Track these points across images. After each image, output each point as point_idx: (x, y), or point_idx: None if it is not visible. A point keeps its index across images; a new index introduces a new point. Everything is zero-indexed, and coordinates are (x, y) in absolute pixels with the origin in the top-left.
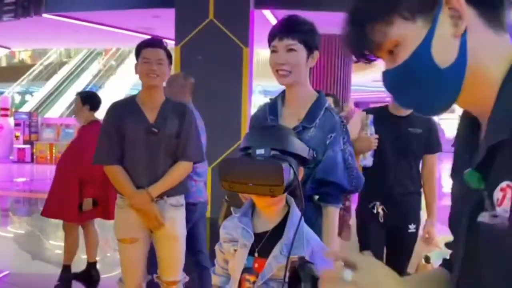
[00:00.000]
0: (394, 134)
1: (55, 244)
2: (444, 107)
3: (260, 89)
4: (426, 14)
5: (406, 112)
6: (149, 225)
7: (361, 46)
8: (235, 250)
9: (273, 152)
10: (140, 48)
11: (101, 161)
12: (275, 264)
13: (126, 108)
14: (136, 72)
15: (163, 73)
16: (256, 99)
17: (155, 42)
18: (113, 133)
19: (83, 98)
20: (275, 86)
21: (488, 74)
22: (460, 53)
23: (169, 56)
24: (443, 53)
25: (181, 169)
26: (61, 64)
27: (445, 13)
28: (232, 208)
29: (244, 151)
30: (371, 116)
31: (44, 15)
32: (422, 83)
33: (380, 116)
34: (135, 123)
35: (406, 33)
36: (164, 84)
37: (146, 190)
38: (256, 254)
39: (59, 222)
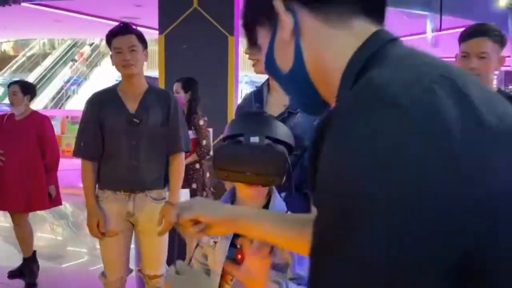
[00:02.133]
0: None
1: (42, 236)
2: (316, 107)
3: (247, 80)
4: (270, 22)
5: None
6: (89, 230)
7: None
8: (215, 243)
9: (266, 141)
10: (110, 38)
11: (77, 154)
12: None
13: (106, 98)
14: (113, 64)
15: (138, 60)
16: (243, 90)
17: (123, 29)
18: (92, 125)
19: (24, 88)
20: (263, 77)
21: (332, 70)
22: (295, 59)
23: (142, 40)
24: (282, 58)
25: (180, 162)
26: (45, 55)
27: (280, 20)
28: (211, 200)
29: (233, 138)
30: None
31: (23, 4)
32: (281, 86)
33: None
34: (115, 114)
35: (263, 38)
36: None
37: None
38: (238, 245)
39: (47, 215)
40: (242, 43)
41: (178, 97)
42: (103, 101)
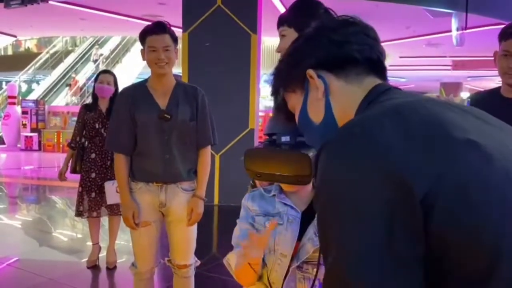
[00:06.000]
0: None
1: (63, 231)
2: None
3: (266, 78)
4: (300, 87)
5: None
6: (125, 221)
7: (285, 108)
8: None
9: (299, 138)
10: (145, 35)
11: (111, 147)
12: (312, 246)
13: (137, 93)
14: (143, 59)
15: (171, 59)
16: (262, 88)
17: (159, 28)
18: (124, 119)
19: None
20: None
21: (350, 116)
22: (326, 111)
23: (174, 39)
24: (315, 113)
25: (207, 156)
26: (67, 52)
27: (312, 84)
28: (260, 186)
29: (269, 137)
30: (466, 101)
31: (51, 2)
32: (312, 136)
33: (489, 102)
34: (147, 110)
35: (294, 101)
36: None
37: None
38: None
39: (67, 209)
40: (262, 42)
41: (107, 88)
42: (135, 97)
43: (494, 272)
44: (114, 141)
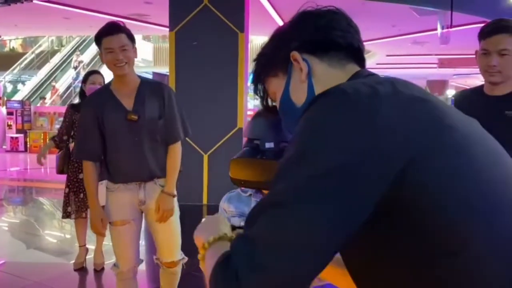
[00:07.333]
0: (485, 120)
1: (50, 232)
2: None
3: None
4: (283, 70)
5: (504, 90)
6: (92, 227)
7: (263, 96)
8: None
9: (282, 144)
10: (100, 37)
11: (79, 156)
12: None
13: (102, 99)
14: (102, 62)
15: (130, 58)
16: (250, 86)
17: (114, 29)
18: (91, 127)
19: None
20: None
21: None
22: (308, 93)
23: (131, 38)
24: (298, 95)
25: (177, 152)
26: (53, 52)
27: (295, 67)
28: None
29: (250, 142)
30: (451, 99)
31: (35, 1)
32: (292, 119)
33: (473, 99)
34: (114, 113)
35: (276, 86)
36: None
37: (101, 211)
38: None
39: (54, 211)
40: (249, 41)
41: (95, 88)
42: (100, 103)
43: (466, 242)
44: (82, 149)
